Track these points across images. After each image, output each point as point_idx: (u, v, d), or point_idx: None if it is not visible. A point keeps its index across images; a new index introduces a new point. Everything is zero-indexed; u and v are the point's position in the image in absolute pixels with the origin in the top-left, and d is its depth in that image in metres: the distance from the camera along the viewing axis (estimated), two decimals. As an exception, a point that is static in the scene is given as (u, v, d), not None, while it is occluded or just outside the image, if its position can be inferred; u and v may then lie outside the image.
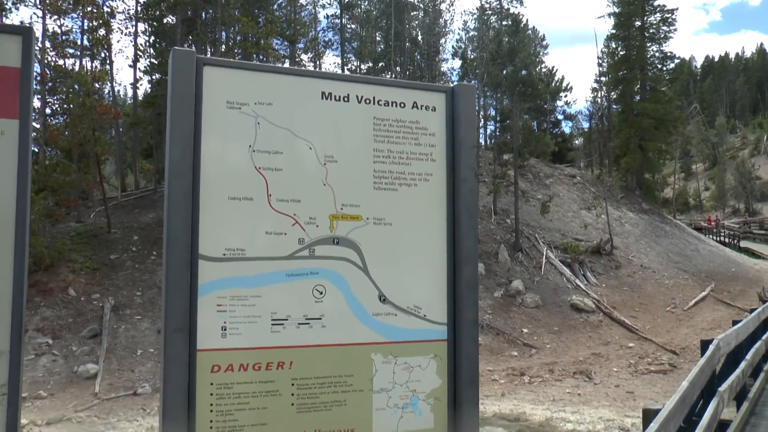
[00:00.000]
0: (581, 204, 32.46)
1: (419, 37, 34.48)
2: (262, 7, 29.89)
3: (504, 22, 38.21)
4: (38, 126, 20.07)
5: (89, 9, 22.72)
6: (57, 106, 22.32)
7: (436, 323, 2.28)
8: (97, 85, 23.00)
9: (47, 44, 22.39)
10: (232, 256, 2.06)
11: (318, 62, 34.64)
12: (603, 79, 43.36)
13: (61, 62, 22.91)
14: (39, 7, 22.91)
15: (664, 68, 42.42)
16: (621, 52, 41.32)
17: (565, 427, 12.13)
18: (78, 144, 19.53)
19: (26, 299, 1.91)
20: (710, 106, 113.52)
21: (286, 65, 28.51)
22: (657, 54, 41.27)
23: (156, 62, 27.46)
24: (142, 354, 14.71)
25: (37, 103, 20.13)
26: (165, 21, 27.50)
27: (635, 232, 31.38)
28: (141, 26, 29.70)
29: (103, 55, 26.83)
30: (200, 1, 23.96)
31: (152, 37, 29.35)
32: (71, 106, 19.95)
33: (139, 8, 28.57)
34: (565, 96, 47.14)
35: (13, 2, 21.76)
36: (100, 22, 23.22)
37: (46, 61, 21.33)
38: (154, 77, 28.05)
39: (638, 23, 40.86)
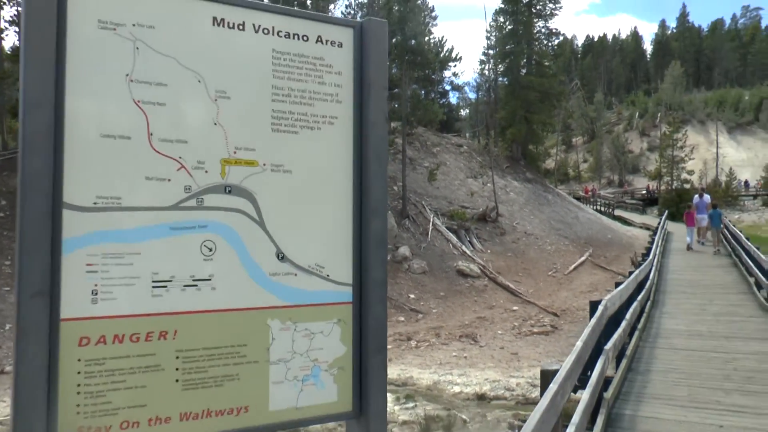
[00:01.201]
0: (468, 173, 33.01)
1: (308, 1, 33.78)
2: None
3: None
4: None
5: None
6: None
7: (340, 284, 2.02)
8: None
9: None
10: (105, 206, 1.72)
11: None
12: (491, 52, 44.10)
13: None
14: None
15: (550, 44, 43.65)
16: (509, 27, 42.14)
17: (452, 390, 12.28)
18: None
19: None
20: (590, 83, 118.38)
21: None
22: (543, 30, 42.41)
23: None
24: (10, 329, 13.75)
25: None
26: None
27: (520, 201, 32.28)
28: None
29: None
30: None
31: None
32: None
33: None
34: (454, 66, 47.95)
35: None
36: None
37: None
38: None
39: None
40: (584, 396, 5.22)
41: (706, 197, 27.18)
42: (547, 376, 6.95)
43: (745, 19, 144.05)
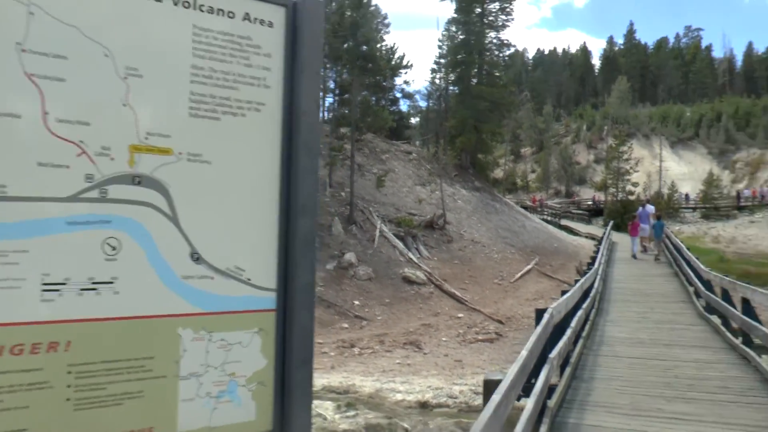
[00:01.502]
0: (416, 180, 33.00)
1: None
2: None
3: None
4: None
5: None
6: None
7: (262, 289, 1.80)
8: None
9: None
10: (-14, 195, 1.48)
11: None
12: (442, 61, 44.26)
13: None
14: None
15: (501, 55, 43.98)
16: (461, 37, 42.32)
17: (394, 398, 12.13)
18: None
19: None
20: (539, 95, 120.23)
21: None
22: (495, 41, 42.74)
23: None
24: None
25: None
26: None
27: (467, 209, 32.38)
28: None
29: None
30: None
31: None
32: None
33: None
34: (405, 73, 47.94)
35: None
36: None
37: None
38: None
39: (478, 10, 41.99)
40: (528, 405, 5.14)
41: (650, 208, 28.10)
42: (490, 386, 6.82)
43: (687, 39, 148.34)
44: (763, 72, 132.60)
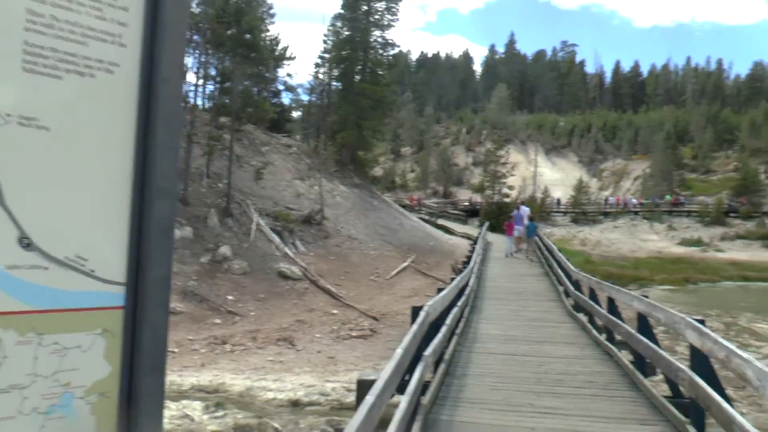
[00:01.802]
0: (295, 174, 32.62)
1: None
2: None
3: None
4: None
5: None
6: None
7: (109, 282, 1.50)
8: None
9: None
10: None
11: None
12: (327, 56, 44.00)
13: None
14: None
15: (385, 54, 44.15)
16: (346, 33, 42.20)
17: (265, 396, 11.84)
18: None
19: None
20: (421, 97, 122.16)
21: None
22: (380, 39, 42.84)
23: None
24: None
25: None
26: None
27: (346, 205, 32.32)
28: None
29: None
30: None
31: None
32: None
33: None
34: (289, 65, 47.35)
35: None
36: None
37: None
38: None
39: (365, 7, 42.01)
40: (402, 405, 5.02)
41: (525, 210, 29.35)
42: (363, 387, 6.67)
43: (563, 53, 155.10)
44: (628, 89, 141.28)
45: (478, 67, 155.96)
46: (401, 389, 5.69)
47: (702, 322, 6.31)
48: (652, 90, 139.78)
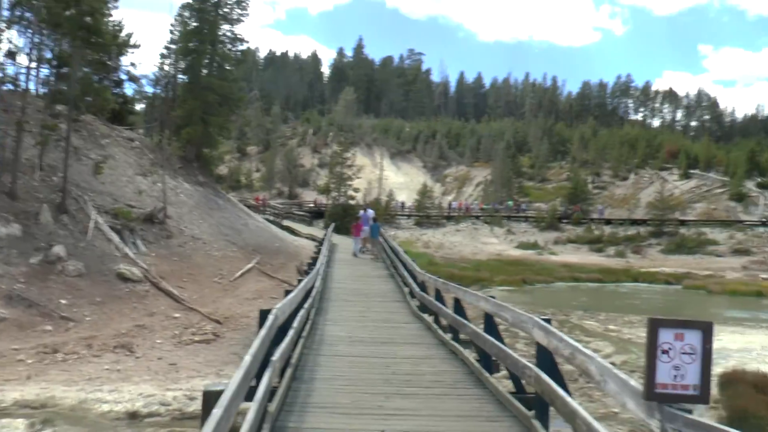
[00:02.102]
0: (138, 169, 31.08)
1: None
2: None
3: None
4: None
5: None
6: None
7: None
8: None
9: None
10: None
11: None
12: (173, 47, 42.40)
13: None
14: None
15: (234, 49, 43.09)
16: (194, 24, 40.80)
17: (100, 409, 11.10)
18: None
19: None
20: (268, 95, 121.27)
21: None
22: (228, 33, 41.71)
23: None
24: None
25: None
26: None
27: (190, 203, 31.26)
28: None
29: None
30: None
31: None
32: None
33: None
34: (132, 53, 45.07)
35: None
36: None
37: None
38: None
39: (214, -1, 40.83)
40: (249, 414, 4.76)
41: (370, 212, 30.72)
42: (210, 398, 6.33)
43: (410, 61, 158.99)
44: (471, 99, 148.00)
45: (326, 69, 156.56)
46: (249, 396, 5.49)
47: (548, 321, 6.51)
48: (493, 101, 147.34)
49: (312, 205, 70.58)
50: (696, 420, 3.62)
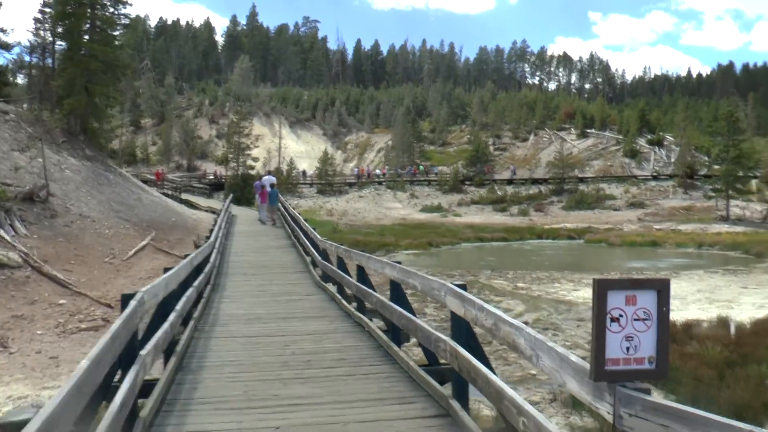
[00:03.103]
0: (14, 145, 28.36)
1: None
2: None
3: None
4: None
5: None
6: None
7: None
8: None
9: None
10: None
11: None
12: (48, 11, 39.21)
13: None
14: None
15: (116, 12, 40.19)
16: (70, -15, 37.70)
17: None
18: None
19: None
20: (161, 66, 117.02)
21: None
22: (109, -5, 38.82)
23: None
24: None
25: None
26: None
27: (76, 179, 28.85)
28: None
29: None
30: None
31: None
32: None
33: None
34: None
35: None
36: None
37: None
38: None
39: (91, -43, 37.76)
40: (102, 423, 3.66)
41: (272, 178, 32.03)
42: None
43: (305, 28, 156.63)
44: (369, 66, 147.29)
45: (220, 38, 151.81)
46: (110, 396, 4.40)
47: (464, 287, 5.66)
48: (391, 68, 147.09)
49: (212, 177, 68.22)
50: (658, 402, 2.71)
